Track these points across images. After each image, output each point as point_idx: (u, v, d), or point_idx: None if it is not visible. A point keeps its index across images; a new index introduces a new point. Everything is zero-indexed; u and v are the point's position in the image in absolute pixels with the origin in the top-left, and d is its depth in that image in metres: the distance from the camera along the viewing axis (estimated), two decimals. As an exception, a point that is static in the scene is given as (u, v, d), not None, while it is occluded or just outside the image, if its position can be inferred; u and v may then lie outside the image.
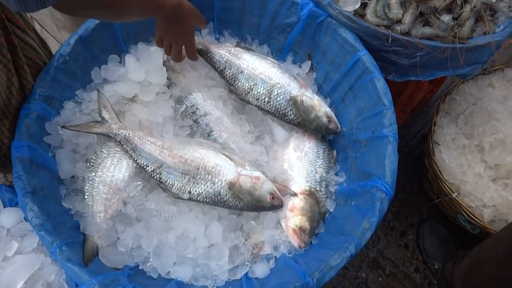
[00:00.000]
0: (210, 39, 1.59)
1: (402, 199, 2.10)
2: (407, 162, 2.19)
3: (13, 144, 1.19)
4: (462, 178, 1.68)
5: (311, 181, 1.37)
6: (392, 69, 1.47)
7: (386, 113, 1.29)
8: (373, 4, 1.40)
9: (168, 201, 1.32)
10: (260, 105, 1.44)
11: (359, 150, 1.36)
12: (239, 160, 1.33)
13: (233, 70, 1.45)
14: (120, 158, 1.32)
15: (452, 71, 1.42)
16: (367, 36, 1.39)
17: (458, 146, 1.75)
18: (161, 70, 1.44)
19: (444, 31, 1.37)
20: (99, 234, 1.22)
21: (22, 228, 1.21)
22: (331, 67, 1.50)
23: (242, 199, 1.26)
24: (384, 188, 1.17)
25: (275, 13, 1.53)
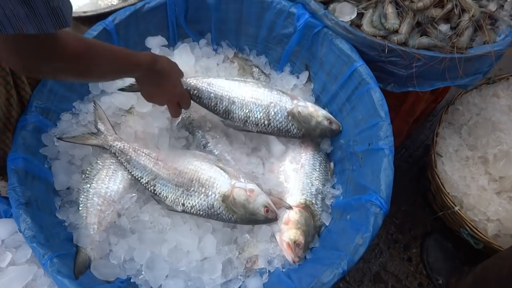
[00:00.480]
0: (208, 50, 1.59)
1: (406, 211, 2.06)
2: (411, 173, 2.16)
3: (9, 156, 1.20)
4: (465, 191, 1.64)
5: (307, 194, 1.35)
6: (391, 80, 1.45)
7: (382, 125, 1.26)
8: (370, 14, 1.39)
9: (162, 213, 1.31)
10: (261, 130, 1.39)
11: (356, 162, 1.34)
12: (234, 173, 1.32)
13: (225, 103, 1.37)
14: (115, 170, 1.32)
15: (451, 81, 1.39)
16: (364, 46, 1.37)
17: (461, 158, 1.71)
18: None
19: (442, 41, 1.34)
20: (92, 246, 1.22)
21: (16, 239, 1.21)
22: (328, 78, 1.49)
23: (235, 212, 1.25)
24: (379, 203, 1.14)
25: (272, 23, 1.53)
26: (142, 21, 1.48)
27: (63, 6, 0.76)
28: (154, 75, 1.17)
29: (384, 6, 1.38)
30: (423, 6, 1.34)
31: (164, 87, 1.23)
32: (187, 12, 1.52)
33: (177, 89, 1.28)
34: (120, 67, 1.08)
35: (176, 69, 1.29)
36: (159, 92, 1.24)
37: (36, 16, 0.72)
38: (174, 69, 1.27)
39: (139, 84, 1.23)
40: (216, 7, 1.52)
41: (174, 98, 1.28)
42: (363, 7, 1.40)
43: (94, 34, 1.39)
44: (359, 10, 1.40)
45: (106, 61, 1.02)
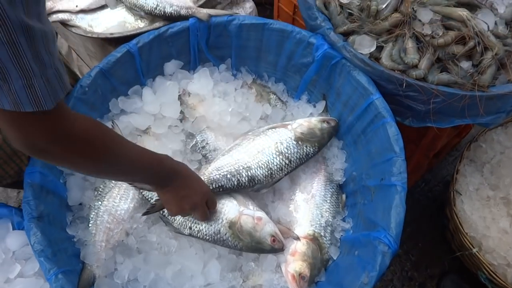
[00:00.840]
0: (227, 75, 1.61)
1: (422, 248, 1.99)
2: (430, 209, 2.10)
3: (26, 170, 1.24)
4: (485, 233, 1.57)
5: (316, 226, 1.33)
6: (409, 114, 1.42)
7: (396, 160, 1.24)
8: (389, 48, 1.38)
9: (169, 235, 1.32)
10: (288, 170, 1.36)
11: (368, 197, 1.31)
12: (243, 199, 1.31)
13: (244, 174, 1.31)
14: (127, 189, 1.34)
15: (471, 119, 1.35)
16: (382, 80, 1.36)
17: (481, 197, 1.65)
18: (175, 104, 1.48)
19: (463, 78, 1.31)
20: (98, 263, 1.24)
21: (26, 251, 1.25)
22: (345, 108, 1.48)
23: (241, 240, 1.24)
24: (387, 241, 1.11)
25: (291, 52, 1.54)
26: (165, 44, 1.52)
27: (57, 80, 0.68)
28: (178, 182, 1.09)
29: (404, 40, 1.36)
30: (444, 43, 1.32)
31: (191, 193, 1.13)
32: (209, 37, 1.56)
33: (202, 192, 1.18)
34: (139, 161, 0.98)
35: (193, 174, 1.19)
36: (185, 201, 1.13)
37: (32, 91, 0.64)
38: (193, 174, 1.18)
39: (161, 194, 1.13)
40: (237, 34, 1.54)
41: (201, 202, 1.17)
42: (383, 41, 1.39)
43: (118, 56, 1.44)
44: (379, 43, 1.39)
45: (122, 149, 0.93)
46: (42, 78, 0.65)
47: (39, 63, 0.63)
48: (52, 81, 0.67)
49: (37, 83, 0.64)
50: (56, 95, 0.69)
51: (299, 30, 1.49)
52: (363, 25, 1.41)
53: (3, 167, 1.22)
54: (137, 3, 1.64)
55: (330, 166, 1.46)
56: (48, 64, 0.65)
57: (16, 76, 0.61)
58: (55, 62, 0.67)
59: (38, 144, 0.75)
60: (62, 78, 0.70)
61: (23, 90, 0.63)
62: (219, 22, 1.53)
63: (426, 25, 1.36)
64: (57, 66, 0.68)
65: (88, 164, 0.89)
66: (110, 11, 1.74)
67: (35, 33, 0.61)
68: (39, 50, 0.62)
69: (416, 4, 1.37)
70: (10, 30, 0.56)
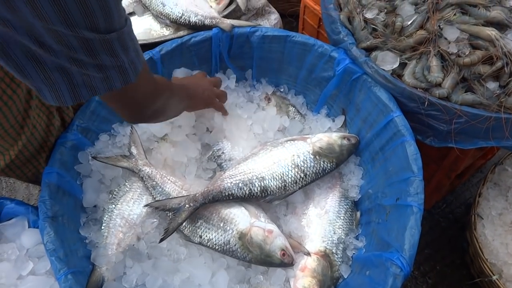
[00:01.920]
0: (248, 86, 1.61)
1: (441, 272, 1.92)
2: (451, 231, 2.03)
3: (45, 170, 1.27)
4: (506, 260, 1.51)
5: (328, 242, 1.31)
6: (430, 133, 1.39)
7: (413, 180, 1.20)
8: (413, 65, 1.35)
9: (180, 242, 1.32)
10: (303, 184, 1.35)
11: (383, 216, 1.28)
12: (255, 211, 1.30)
13: (257, 184, 1.31)
14: (141, 194, 1.36)
15: (495, 142, 1.30)
16: (403, 97, 1.33)
17: (504, 223, 1.59)
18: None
19: (489, 99, 1.27)
20: (108, 266, 1.25)
21: (39, 250, 1.27)
22: (364, 124, 1.45)
23: (251, 251, 1.23)
24: (400, 263, 1.07)
25: (312, 66, 1.53)
26: (187, 53, 1.54)
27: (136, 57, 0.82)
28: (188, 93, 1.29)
29: (428, 58, 1.33)
30: (470, 62, 1.28)
31: (202, 97, 1.37)
32: (231, 48, 1.57)
33: (208, 91, 1.40)
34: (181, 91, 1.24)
35: (198, 79, 1.45)
36: (196, 100, 1.36)
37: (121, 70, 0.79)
38: (198, 79, 1.44)
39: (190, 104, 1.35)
40: (259, 45, 1.55)
41: (211, 99, 1.41)
42: (406, 58, 1.36)
43: (140, 62, 1.47)
44: (402, 60, 1.37)
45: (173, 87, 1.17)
46: (128, 63, 0.79)
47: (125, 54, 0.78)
48: (135, 63, 0.82)
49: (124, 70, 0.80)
50: (136, 70, 0.83)
51: (321, 44, 1.48)
52: (386, 41, 1.39)
53: (22, 169, 1.26)
54: (163, 12, 1.67)
55: (346, 182, 1.44)
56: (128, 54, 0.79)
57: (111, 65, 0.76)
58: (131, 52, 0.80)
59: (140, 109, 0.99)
60: (139, 56, 0.85)
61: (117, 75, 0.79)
62: (241, 33, 1.54)
63: (452, 44, 1.32)
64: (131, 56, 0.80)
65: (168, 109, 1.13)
66: (137, 18, 1.78)
67: (113, 41, 0.72)
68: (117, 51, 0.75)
69: (442, 22, 1.34)
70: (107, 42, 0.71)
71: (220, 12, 1.72)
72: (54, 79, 0.74)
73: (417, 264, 1.94)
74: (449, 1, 1.36)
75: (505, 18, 1.30)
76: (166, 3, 1.66)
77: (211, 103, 1.42)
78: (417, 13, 1.38)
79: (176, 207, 1.27)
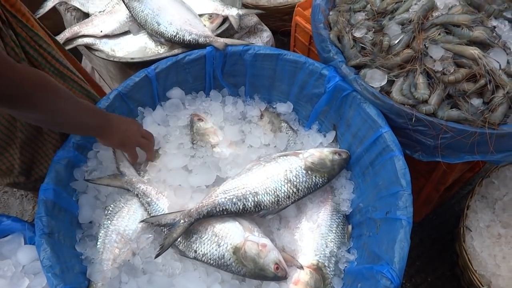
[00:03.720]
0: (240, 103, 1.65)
1: (431, 283, 1.95)
2: (441, 244, 2.06)
3: (41, 187, 1.28)
4: (494, 271, 1.54)
5: (320, 255, 1.33)
6: (418, 148, 1.43)
7: (402, 194, 1.24)
8: (400, 82, 1.40)
9: (175, 257, 1.34)
10: (296, 198, 1.37)
11: (373, 229, 1.31)
12: (248, 225, 1.33)
13: (250, 199, 1.32)
14: (136, 210, 1.38)
15: (480, 156, 1.35)
16: (391, 113, 1.38)
17: (492, 235, 1.63)
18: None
19: (473, 115, 1.32)
20: (103, 282, 1.26)
21: (35, 266, 1.28)
22: (354, 140, 1.49)
23: (245, 265, 1.25)
24: (390, 276, 1.10)
25: (303, 82, 1.58)
26: (181, 70, 1.58)
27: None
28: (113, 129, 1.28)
29: (415, 76, 1.38)
30: (455, 80, 1.33)
31: (119, 134, 1.31)
32: (224, 65, 1.61)
33: (132, 132, 1.36)
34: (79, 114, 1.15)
35: (130, 121, 1.39)
36: (117, 139, 1.32)
37: None
38: (123, 119, 1.36)
39: (102, 141, 1.33)
40: (252, 63, 1.59)
41: (129, 139, 1.35)
42: (394, 75, 1.41)
43: (136, 80, 1.50)
44: (390, 77, 1.42)
45: (64, 101, 1.08)
46: None
47: None
48: None
49: None
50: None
51: (312, 62, 1.53)
52: (375, 59, 1.44)
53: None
54: (158, 30, 1.71)
55: (338, 196, 1.47)
56: None
57: None
58: None
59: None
60: None
61: None
62: (234, 51, 1.58)
63: (437, 62, 1.38)
64: None
65: (35, 112, 1.03)
66: (133, 37, 1.82)
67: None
68: None
69: (428, 41, 1.39)
70: None
71: (214, 31, 1.76)
72: None
73: (409, 276, 1.97)
74: (434, 21, 1.42)
75: (487, 38, 1.36)
76: (161, 22, 1.70)
77: (130, 146, 1.37)
78: (404, 32, 1.44)
79: (171, 222, 1.29)
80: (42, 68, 1.30)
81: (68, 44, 1.77)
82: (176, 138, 1.54)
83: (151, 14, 1.72)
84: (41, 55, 1.29)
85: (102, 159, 1.44)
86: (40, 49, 1.28)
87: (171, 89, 1.60)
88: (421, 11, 1.44)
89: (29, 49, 1.25)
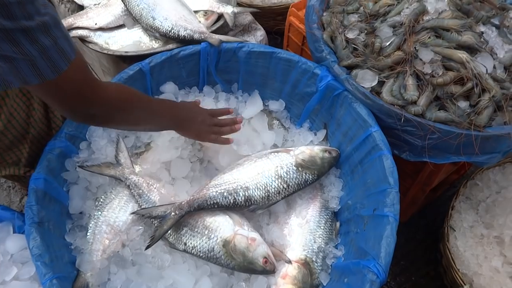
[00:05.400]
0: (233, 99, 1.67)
1: (416, 283, 1.99)
2: (426, 243, 2.10)
3: (32, 176, 1.28)
4: (476, 270, 1.58)
5: (308, 251, 1.36)
6: (406, 148, 1.46)
7: (390, 192, 1.27)
8: (390, 83, 1.43)
9: (164, 250, 1.35)
10: (286, 194, 1.40)
11: (361, 226, 1.34)
12: (239, 219, 1.35)
13: (241, 193, 1.35)
14: (127, 201, 1.39)
15: (466, 157, 1.39)
16: (381, 113, 1.41)
17: (475, 235, 1.67)
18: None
19: (460, 117, 1.36)
20: (92, 272, 1.27)
21: (24, 255, 1.28)
22: (344, 138, 1.52)
23: (234, 259, 1.27)
24: (376, 270, 1.13)
25: (296, 81, 1.60)
26: (175, 65, 1.59)
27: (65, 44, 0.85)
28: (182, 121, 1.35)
29: (405, 77, 1.42)
30: (443, 82, 1.37)
31: (195, 127, 1.38)
32: (218, 62, 1.62)
33: (205, 125, 1.39)
34: (159, 111, 1.27)
35: (196, 109, 1.43)
36: (194, 132, 1.39)
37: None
38: (195, 109, 1.42)
39: (181, 132, 1.40)
40: (246, 60, 1.61)
41: (206, 133, 1.39)
42: (384, 76, 1.45)
43: (130, 73, 1.51)
44: (381, 78, 1.45)
45: (144, 110, 1.18)
46: (43, 57, 0.82)
47: (37, 47, 0.80)
48: (54, 57, 0.83)
49: (39, 62, 0.82)
50: (66, 58, 0.86)
51: (305, 61, 1.55)
52: (366, 60, 1.47)
53: (3, 155, 1.28)
54: (153, 25, 1.72)
55: (327, 193, 1.50)
56: (49, 45, 0.82)
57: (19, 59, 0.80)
58: (57, 42, 0.83)
59: (80, 109, 0.97)
60: (65, 50, 0.85)
61: (28, 68, 0.81)
62: (229, 48, 1.60)
63: (427, 64, 1.41)
64: (60, 45, 0.84)
65: (125, 119, 1.13)
66: (127, 30, 1.82)
67: (33, 29, 0.77)
68: (36, 39, 0.79)
69: (418, 44, 1.43)
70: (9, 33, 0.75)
71: (209, 27, 1.78)
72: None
73: (393, 275, 2.00)
74: (424, 25, 1.46)
75: (475, 43, 1.40)
76: (156, 17, 1.71)
77: (206, 137, 1.40)
78: (395, 35, 1.47)
79: (162, 214, 1.30)
80: None
81: (62, 36, 1.77)
82: (168, 132, 1.55)
83: (146, 9, 1.73)
84: None
85: (95, 149, 1.44)
86: None
87: (165, 83, 1.61)
88: (412, 14, 1.47)
89: None
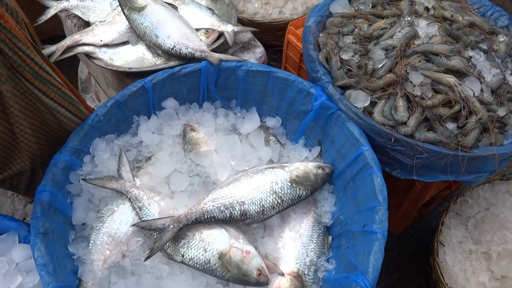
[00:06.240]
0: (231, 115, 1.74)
1: (407, 295, 2.04)
2: (418, 257, 2.15)
3: (38, 188, 1.35)
4: (464, 285, 1.64)
5: (300, 264, 1.41)
6: (396, 166, 1.52)
7: (379, 209, 1.33)
8: (382, 104, 1.49)
9: (163, 260, 1.40)
10: (280, 209, 1.45)
11: (351, 241, 1.40)
12: (234, 233, 1.40)
13: (237, 208, 1.40)
14: (127, 214, 1.44)
15: (453, 176, 1.45)
16: (373, 132, 1.47)
17: (464, 250, 1.72)
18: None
19: (448, 138, 1.42)
20: (93, 281, 1.32)
21: (29, 264, 1.34)
22: (337, 155, 1.58)
23: (229, 271, 1.32)
24: (364, 285, 1.19)
25: (292, 99, 1.67)
26: (176, 82, 1.65)
27: None
28: None
29: (396, 99, 1.48)
30: (432, 104, 1.43)
31: None
32: (218, 79, 1.69)
33: None
34: None
35: None
36: None
37: None
38: None
39: None
40: (244, 79, 1.68)
41: None
42: (376, 97, 1.51)
43: (133, 90, 1.58)
44: (373, 99, 1.51)
45: None
46: None
47: None
48: None
49: None
50: None
51: (301, 80, 1.62)
52: (359, 81, 1.54)
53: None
54: (156, 43, 1.79)
55: (320, 208, 1.55)
56: None
57: None
58: None
59: None
60: None
61: None
62: (228, 67, 1.67)
63: (417, 87, 1.48)
64: None
65: None
66: (131, 47, 1.89)
67: None
68: None
69: (409, 67, 1.50)
70: None
71: (209, 45, 1.85)
72: None
73: (386, 287, 2.06)
74: (415, 49, 1.53)
75: (463, 67, 1.47)
76: (159, 35, 1.78)
77: None
78: (387, 58, 1.54)
79: (161, 227, 1.36)
80: (21, 70, 1.28)
81: (69, 52, 1.84)
82: (168, 146, 1.61)
83: (150, 27, 1.80)
84: (20, 57, 1.27)
85: (98, 163, 1.50)
86: (18, 51, 1.26)
87: (166, 99, 1.67)
88: (404, 38, 1.54)
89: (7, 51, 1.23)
